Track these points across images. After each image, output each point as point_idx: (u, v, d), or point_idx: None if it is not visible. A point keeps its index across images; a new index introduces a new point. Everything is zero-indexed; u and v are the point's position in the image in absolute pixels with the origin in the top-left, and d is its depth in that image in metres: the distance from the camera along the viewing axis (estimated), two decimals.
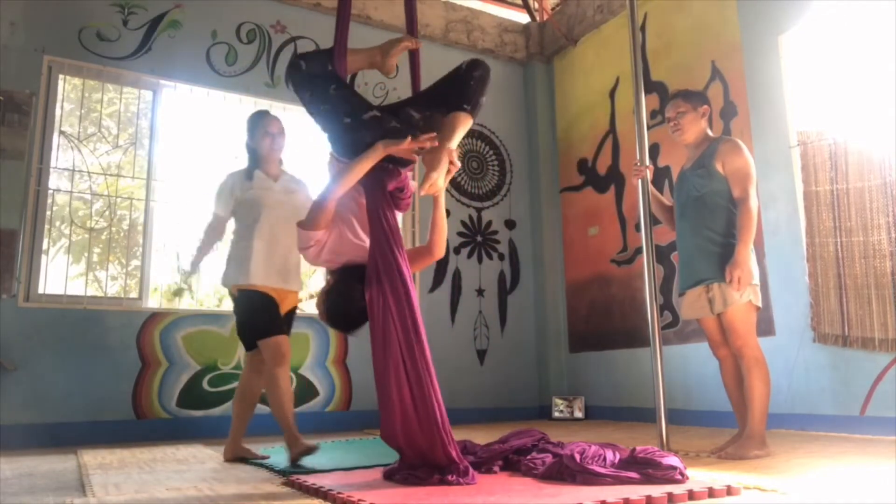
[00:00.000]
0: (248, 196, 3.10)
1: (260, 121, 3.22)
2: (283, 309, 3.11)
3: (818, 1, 4.01)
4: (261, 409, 4.58)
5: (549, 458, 2.36)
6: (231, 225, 3.25)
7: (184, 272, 3.48)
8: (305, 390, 4.78)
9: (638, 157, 3.17)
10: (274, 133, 3.19)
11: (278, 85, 5.11)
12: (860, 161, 3.69)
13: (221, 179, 3.24)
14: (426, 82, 2.72)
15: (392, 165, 2.46)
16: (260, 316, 3.00)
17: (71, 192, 4.51)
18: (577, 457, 2.22)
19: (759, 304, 2.92)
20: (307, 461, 2.83)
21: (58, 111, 4.40)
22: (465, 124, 2.44)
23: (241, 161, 3.29)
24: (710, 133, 3.16)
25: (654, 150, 4.99)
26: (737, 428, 3.08)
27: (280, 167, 3.26)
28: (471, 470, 2.22)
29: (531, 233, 6.07)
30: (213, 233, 3.26)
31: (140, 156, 4.88)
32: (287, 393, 2.99)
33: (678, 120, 3.12)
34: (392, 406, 2.23)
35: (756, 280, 2.91)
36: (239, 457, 3.07)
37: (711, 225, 2.96)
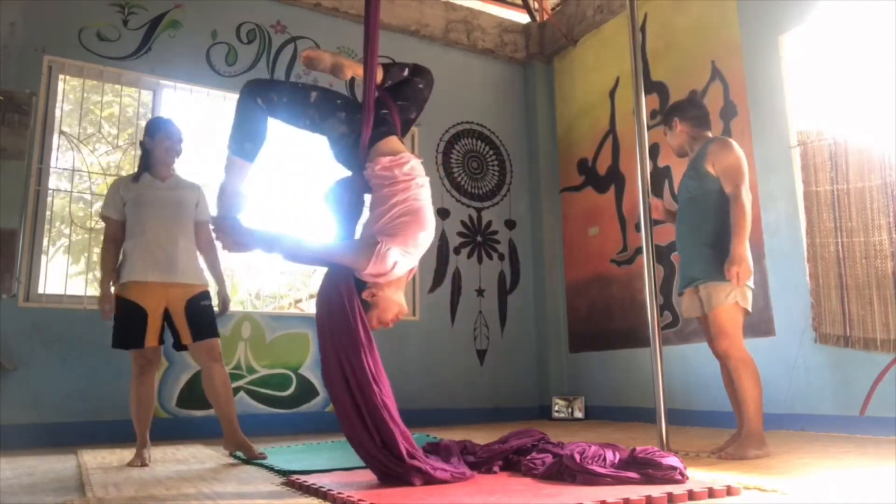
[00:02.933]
0: (132, 196, 3.11)
1: (164, 125, 3.23)
2: (181, 300, 3.07)
3: (818, 1, 4.01)
4: (257, 408, 4.59)
5: (549, 458, 2.36)
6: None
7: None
8: (305, 390, 4.78)
9: (638, 156, 3.18)
10: (174, 140, 3.22)
11: None
12: (860, 161, 3.68)
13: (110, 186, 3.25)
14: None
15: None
16: (126, 327, 3.00)
17: (71, 192, 4.51)
18: (577, 457, 2.22)
19: (748, 306, 2.91)
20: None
21: (58, 111, 4.40)
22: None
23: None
24: (696, 136, 3.15)
25: (654, 150, 4.99)
26: (736, 428, 3.08)
27: (171, 170, 3.27)
28: (437, 466, 2.24)
29: (531, 233, 6.07)
30: (111, 244, 3.13)
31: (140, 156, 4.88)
32: (140, 401, 3.04)
33: (667, 139, 3.29)
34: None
35: (750, 283, 2.90)
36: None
37: (703, 225, 3.00)
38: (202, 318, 3.10)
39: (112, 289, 3.09)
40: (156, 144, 3.19)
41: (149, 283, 3.01)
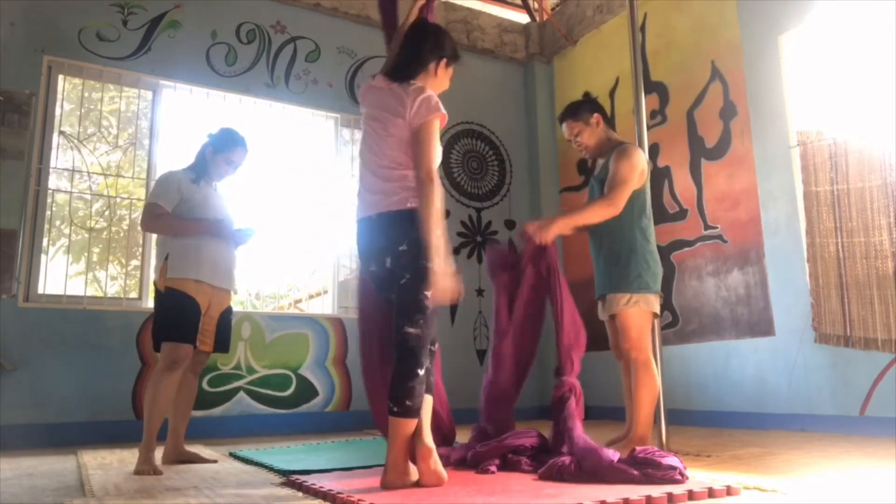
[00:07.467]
0: (196, 197, 3.07)
1: (233, 145, 3.18)
2: (219, 308, 3.11)
3: (818, 1, 4.01)
4: (257, 408, 4.59)
5: (548, 458, 2.36)
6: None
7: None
8: (305, 390, 4.78)
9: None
10: (235, 164, 3.20)
11: (278, 85, 5.11)
12: (860, 161, 3.69)
13: (166, 174, 3.13)
14: None
15: None
16: (183, 319, 2.94)
17: (71, 192, 4.51)
18: (581, 441, 2.26)
19: (657, 310, 2.91)
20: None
21: (58, 111, 4.40)
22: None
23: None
24: (610, 137, 3.11)
25: (654, 150, 4.99)
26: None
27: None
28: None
29: None
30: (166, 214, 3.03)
31: (140, 156, 4.88)
32: (166, 399, 2.90)
33: (578, 140, 3.11)
34: None
35: (657, 288, 2.89)
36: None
37: (609, 243, 2.95)
38: (228, 332, 3.19)
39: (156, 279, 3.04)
40: (217, 160, 3.15)
41: (203, 284, 3.00)
